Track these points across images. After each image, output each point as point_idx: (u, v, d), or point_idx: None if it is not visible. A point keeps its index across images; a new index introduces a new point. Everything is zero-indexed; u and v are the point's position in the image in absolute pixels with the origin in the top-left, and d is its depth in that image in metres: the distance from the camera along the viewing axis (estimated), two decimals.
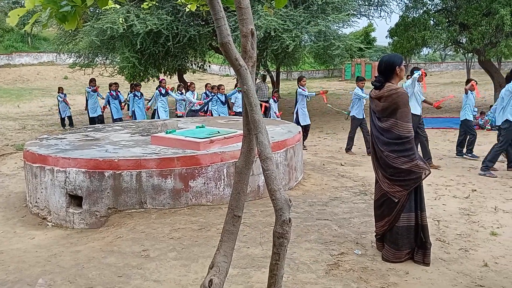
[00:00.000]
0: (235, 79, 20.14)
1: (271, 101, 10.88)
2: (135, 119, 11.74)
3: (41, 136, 6.73)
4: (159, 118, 11.18)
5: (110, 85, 12.65)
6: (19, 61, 35.04)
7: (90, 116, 13.17)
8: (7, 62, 34.41)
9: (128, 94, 12.58)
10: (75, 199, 4.90)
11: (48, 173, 4.97)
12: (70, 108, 14.72)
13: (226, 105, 11.73)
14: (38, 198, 5.15)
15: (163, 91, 11.60)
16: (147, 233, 4.25)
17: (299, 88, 9.76)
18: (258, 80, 15.03)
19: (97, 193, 4.76)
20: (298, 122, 9.50)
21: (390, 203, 3.65)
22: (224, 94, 11.75)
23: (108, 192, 4.75)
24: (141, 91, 12.47)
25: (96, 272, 3.48)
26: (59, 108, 14.48)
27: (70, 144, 5.75)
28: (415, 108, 7.47)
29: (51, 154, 5.04)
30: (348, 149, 9.16)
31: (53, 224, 4.99)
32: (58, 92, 14.68)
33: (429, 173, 3.66)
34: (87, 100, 13.34)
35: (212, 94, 11.67)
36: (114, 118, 12.38)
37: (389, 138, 3.60)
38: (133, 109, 12.20)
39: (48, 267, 3.66)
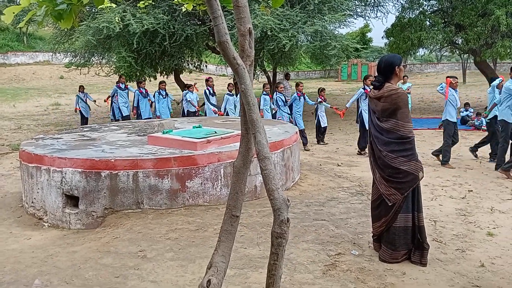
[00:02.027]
0: (232, 78, 20.13)
1: (318, 100, 10.43)
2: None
3: (37, 136, 6.69)
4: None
5: (139, 82, 12.28)
6: (15, 61, 34.91)
7: (118, 116, 12.45)
8: (2, 61, 34.28)
9: (154, 93, 12.12)
10: (72, 199, 4.87)
11: (44, 173, 4.94)
12: (90, 109, 14.16)
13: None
14: (34, 198, 5.12)
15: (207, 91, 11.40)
16: (144, 233, 4.23)
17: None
18: (281, 78, 14.96)
19: (93, 193, 4.74)
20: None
21: (387, 204, 3.66)
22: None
23: (104, 192, 4.73)
24: (165, 89, 12.08)
25: (93, 273, 3.46)
26: (79, 108, 13.61)
27: (66, 144, 5.72)
28: (452, 115, 7.65)
29: (47, 154, 5.01)
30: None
31: (49, 225, 4.96)
32: (79, 91, 13.78)
33: (423, 177, 3.66)
34: (111, 98, 12.78)
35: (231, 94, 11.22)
36: (144, 118, 11.81)
37: (390, 138, 3.60)
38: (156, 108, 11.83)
39: (45, 267, 3.64)
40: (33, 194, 5.14)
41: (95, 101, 14.46)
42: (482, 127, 12.57)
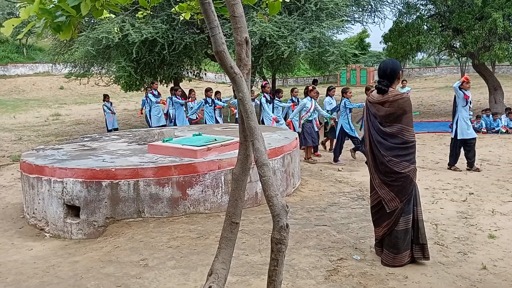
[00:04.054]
0: (232, 86, 20.15)
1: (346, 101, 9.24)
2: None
3: (37, 147, 6.71)
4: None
5: (175, 90, 12.03)
6: (15, 72, 35.07)
7: (153, 125, 11.81)
8: (2, 73, 34.44)
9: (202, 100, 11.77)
10: (73, 209, 4.88)
11: (45, 184, 4.95)
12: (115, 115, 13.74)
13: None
14: (36, 209, 5.13)
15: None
16: (146, 242, 4.23)
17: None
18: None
19: (94, 203, 4.75)
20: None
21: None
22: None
23: (105, 202, 4.74)
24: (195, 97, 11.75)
25: (95, 282, 3.46)
26: (105, 119, 13.46)
27: (67, 154, 5.74)
28: None
29: (48, 165, 5.03)
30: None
31: (51, 235, 4.96)
32: (104, 100, 13.55)
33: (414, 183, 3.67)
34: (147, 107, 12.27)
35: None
36: (179, 125, 11.31)
37: (395, 143, 3.59)
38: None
39: (46, 278, 3.64)
40: (34, 205, 5.15)
41: (114, 113, 14.10)
42: (482, 130, 12.60)
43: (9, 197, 6.69)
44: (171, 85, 17.44)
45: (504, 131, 12.89)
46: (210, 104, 11.60)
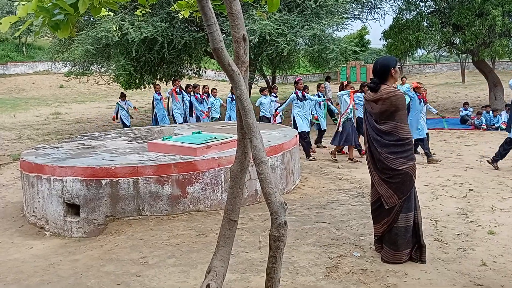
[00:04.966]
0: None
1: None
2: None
3: (37, 146, 6.72)
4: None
5: (194, 87, 11.83)
6: (14, 71, 35.07)
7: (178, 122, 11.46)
8: (2, 72, 34.45)
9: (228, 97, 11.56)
10: (73, 208, 4.89)
11: (45, 182, 4.96)
12: (131, 117, 13.49)
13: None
14: (36, 207, 5.14)
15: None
16: (145, 240, 4.24)
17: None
18: (325, 82, 14.57)
19: (94, 201, 4.75)
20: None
21: None
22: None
23: (105, 200, 4.74)
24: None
25: (95, 281, 3.47)
26: (120, 117, 13.08)
27: (67, 152, 5.75)
28: None
29: (48, 163, 5.03)
30: None
31: (51, 234, 4.97)
32: (120, 99, 13.25)
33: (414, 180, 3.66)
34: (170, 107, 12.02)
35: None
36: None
37: (390, 140, 3.60)
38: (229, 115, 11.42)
39: (47, 276, 3.65)
40: (34, 204, 5.15)
41: (135, 107, 13.97)
42: (482, 126, 12.59)
43: (9, 196, 6.70)
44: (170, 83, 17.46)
45: (504, 127, 12.87)
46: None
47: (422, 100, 8.48)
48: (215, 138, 5.65)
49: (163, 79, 16.20)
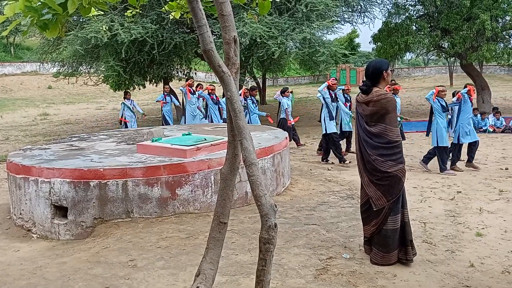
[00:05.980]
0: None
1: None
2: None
3: (24, 147, 6.63)
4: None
5: (211, 89, 11.31)
6: (2, 71, 34.55)
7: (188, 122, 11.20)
8: None
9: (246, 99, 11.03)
10: (60, 210, 4.83)
11: (32, 184, 4.89)
12: (137, 118, 12.80)
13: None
14: (23, 209, 5.07)
15: None
16: (134, 242, 4.20)
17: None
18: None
19: (82, 204, 4.70)
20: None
21: None
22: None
23: (93, 202, 4.69)
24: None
25: (83, 284, 3.43)
26: (124, 117, 12.46)
27: (55, 154, 5.68)
28: None
29: (35, 165, 4.96)
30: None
31: (38, 236, 4.90)
32: (125, 98, 12.61)
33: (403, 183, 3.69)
34: (184, 107, 11.85)
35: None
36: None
37: (379, 143, 3.63)
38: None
39: (34, 279, 3.60)
40: (21, 206, 5.08)
41: (144, 114, 13.25)
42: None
43: None
44: (161, 84, 17.38)
45: (492, 130, 13.05)
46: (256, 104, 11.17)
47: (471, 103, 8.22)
48: (205, 140, 5.63)
49: (153, 81, 16.12)
